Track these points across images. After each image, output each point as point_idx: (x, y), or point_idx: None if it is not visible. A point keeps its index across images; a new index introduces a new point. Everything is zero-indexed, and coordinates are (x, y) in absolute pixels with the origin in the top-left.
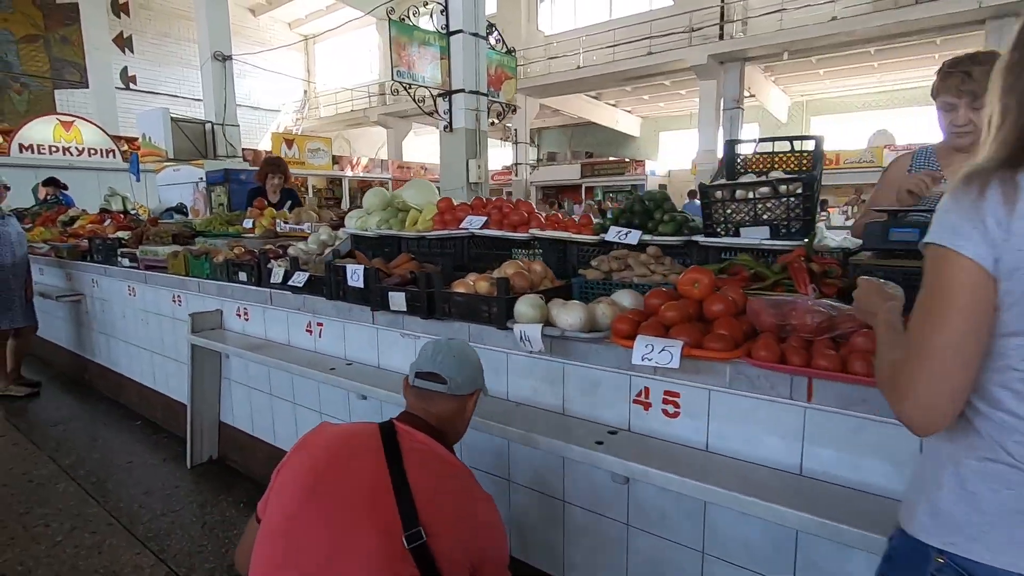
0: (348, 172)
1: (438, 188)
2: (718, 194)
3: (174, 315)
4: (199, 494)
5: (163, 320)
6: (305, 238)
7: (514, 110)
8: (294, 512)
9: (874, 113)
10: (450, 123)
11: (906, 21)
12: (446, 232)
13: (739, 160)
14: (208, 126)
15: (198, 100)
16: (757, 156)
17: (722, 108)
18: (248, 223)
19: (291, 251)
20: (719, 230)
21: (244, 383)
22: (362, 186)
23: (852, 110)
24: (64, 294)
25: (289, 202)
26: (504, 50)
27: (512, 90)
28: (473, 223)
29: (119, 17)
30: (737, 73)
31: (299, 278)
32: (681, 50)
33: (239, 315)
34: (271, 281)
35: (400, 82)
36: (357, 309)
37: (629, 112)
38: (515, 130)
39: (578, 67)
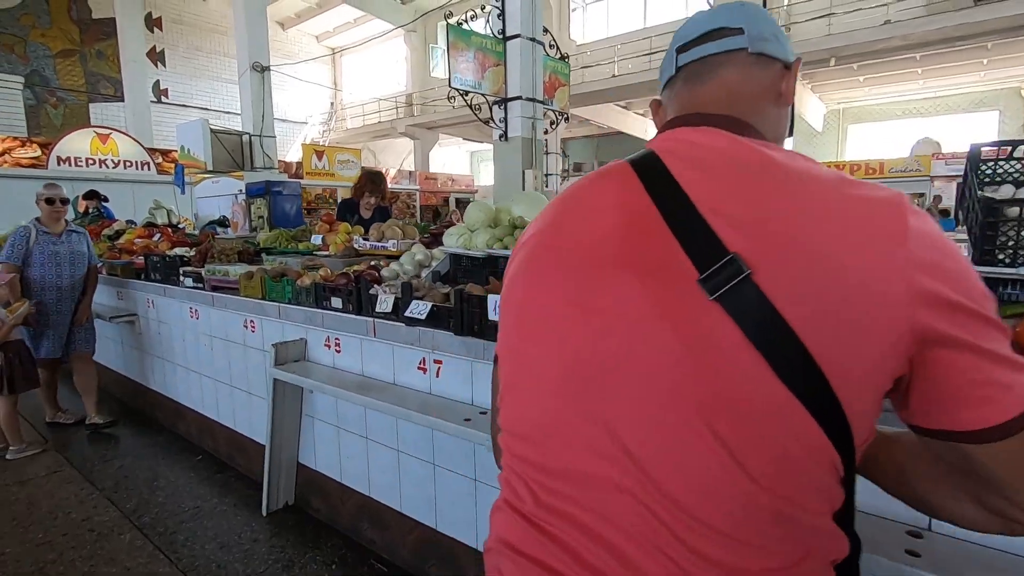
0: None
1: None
2: (1012, 211)
3: (245, 342)
4: (282, 550)
5: (231, 347)
6: (390, 257)
7: (567, 118)
8: (521, 298)
9: (915, 121)
10: (505, 132)
11: (967, 24)
12: None
13: (985, 168)
14: (245, 137)
15: (228, 112)
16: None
17: None
18: (317, 239)
19: (384, 272)
20: (1002, 257)
21: (332, 423)
22: (390, 199)
23: (892, 118)
24: (118, 315)
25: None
26: (558, 56)
27: (565, 97)
28: None
29: (152, 32)
30: None
31: (419, 308)
32: None
33: (328, 346)
34: (377, 310)
35: (458, 89)
36: (493, 347)
37: None
38: (546, 140)
39: (613, 75)
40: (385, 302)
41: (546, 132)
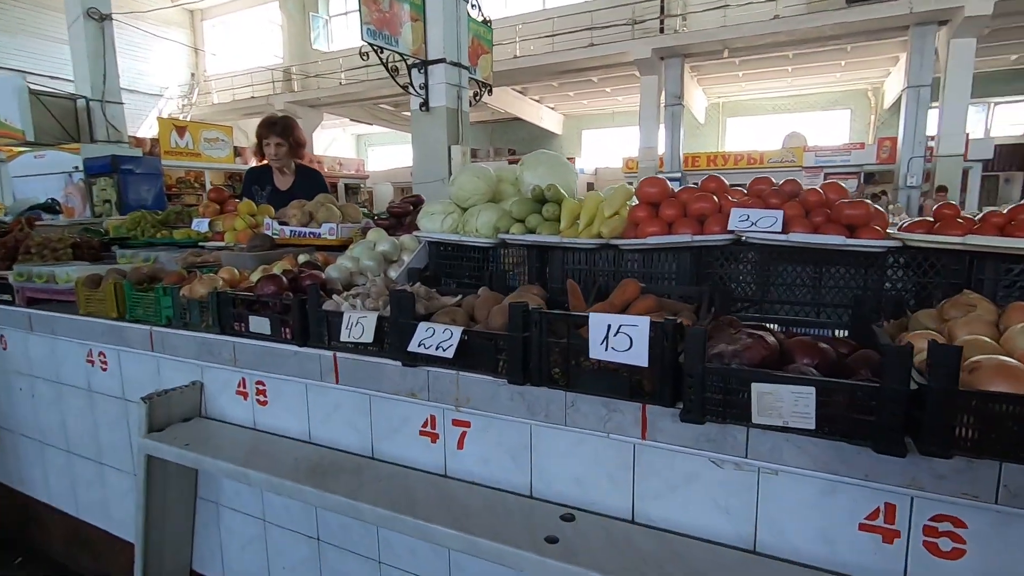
0: (253, 164)
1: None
2: None
3: (90, 386)
4: None
5: (66, 393)
6: (325, 249)
7: (490, 90)
8: None
9: (782, 116)
10: (427, 100)
11: (842, 23)
12: (680, 239)
13: None
14: (82, 102)
15: (59, 78)
16: None
17: (663, 104)
18: (202, 224)
19: (331, 272)
20: None
21: (252, 513)
22: (306, 159)
23: (763, 112)
24: None
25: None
26: (481, 19)
27: (488, 66)
28: (758, 221)
29: None
30: (678, 69)
31: (438, 338)
32: (624, 43)
33: (243, 393)
34: (343, 339)
35: (371, 44)
36: (588, 405)
37: (552, 109)
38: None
39: (515, 56)
40: (359, 325)
41: (471, 104)
